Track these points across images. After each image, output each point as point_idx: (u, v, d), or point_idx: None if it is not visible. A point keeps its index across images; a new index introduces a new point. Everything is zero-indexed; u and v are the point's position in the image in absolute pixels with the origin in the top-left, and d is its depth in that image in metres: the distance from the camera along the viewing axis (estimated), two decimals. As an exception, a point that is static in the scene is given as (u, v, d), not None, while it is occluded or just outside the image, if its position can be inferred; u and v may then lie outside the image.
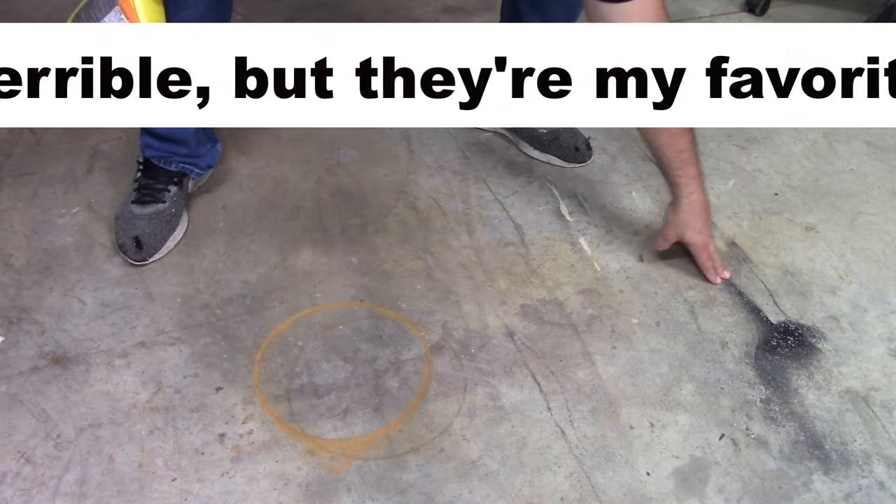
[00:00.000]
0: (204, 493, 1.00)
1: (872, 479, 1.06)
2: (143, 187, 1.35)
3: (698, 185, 1.27)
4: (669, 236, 1.33)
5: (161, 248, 1.31)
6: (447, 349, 1.20)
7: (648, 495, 1.03)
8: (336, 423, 1.09)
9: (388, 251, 1.36)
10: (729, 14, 2.15)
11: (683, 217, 1.29)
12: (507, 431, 1.09)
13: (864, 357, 1.22)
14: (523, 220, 1.44)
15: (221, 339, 1.20)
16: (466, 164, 1.57)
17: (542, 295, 1.30)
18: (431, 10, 2.07)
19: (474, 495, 1.02)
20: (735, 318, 1.28)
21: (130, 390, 1.12)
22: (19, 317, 1.21)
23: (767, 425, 1.12)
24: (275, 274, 1.31)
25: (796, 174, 1.59)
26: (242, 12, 1.98)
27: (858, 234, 1.45)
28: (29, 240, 1.34)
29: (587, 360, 1.20)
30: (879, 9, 1.95)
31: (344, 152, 1.58)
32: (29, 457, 1.03)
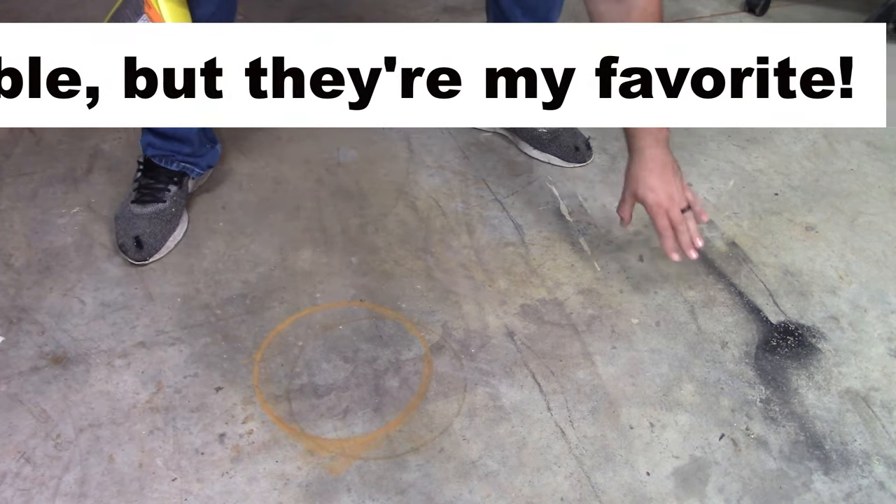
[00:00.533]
0: (204, 493, 1.00)
1: (872, 479, 1.06)
2: (143, 187, 1.35)
3: (654, 139, 1.16)
4: (625, 197, 1.23)
5: (161, 248, 1.31)
6: (447, 349, 1.20)
7: (648, 495, 1.03)
8: (336, 423, 1.09)
9: (388, 251, 1.36)
10: (729, 14, 2.15)
11: (635, 172, 1.19)
12: (507, 431, 1.09)
13: (864, 357, 1.22)
14: (523, 220, 1.44)
15: (221, 339, 1.20)
16: (466, 164, 1.57)
17: (542, 295, 1.30)
18: (431, 10, 2.07)
19: (474, 495, 1.02)
20: (735, 318, 1.28)
21: (130, 390, 1.12)
22: (19, 317, 1.21)
23: (767, 425, 1.12)
24: (275, 274, 1.31)
25: (796, 174, 1.59)
26: (242, 12, 1.98)
27: (858, 234, 1.45)
28: (29, 240, 1.34)
29: (587, 360, 1.20)
30: (879, 9, 1.95)
31: (344, 152, 1.58)
32: (29, 457, 1.03)
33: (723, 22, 2.10)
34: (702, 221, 1.21)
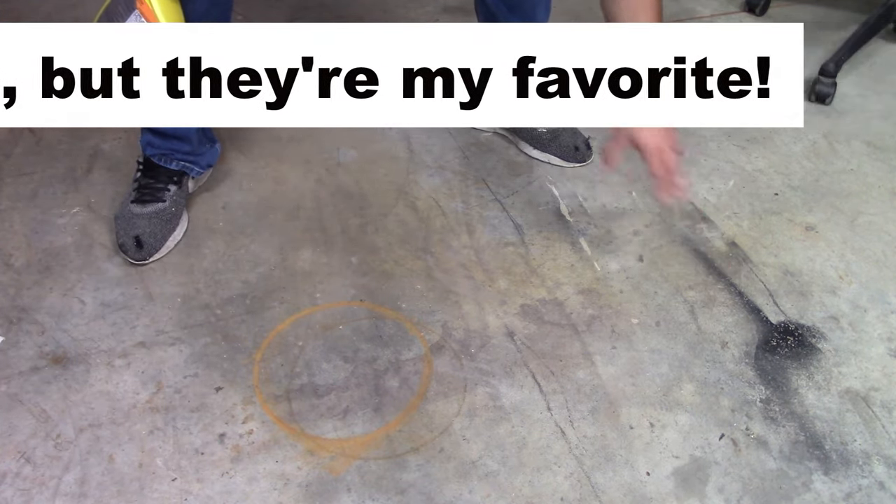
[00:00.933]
0: (204, 493, 1.00)
1: (872, 479, 1.06)
2: (142, 187, 1.35)
3: None
4: (618, 137, 1.16)
5: (161, 248, 1.31)
6: (447, 349, 1.20)
7: (648, 495, 1.03)
8: (336, 423, 1.09)
9: (388, 251, 1.36)
10: (729, 14, 2.15)
11: None
12: (507, 431, 1.09)
13: (864, 357, 1.22)
14: (523, 220, 1.44)
15: (221, 339, 1.20)
16: (466, 164, 1.57)
17: (542, 295, 1.30)
18: (431, 10, 2.07)
19: (474, 495, 1.02)
20: (735, 318, 1.28)
21: (130, 390, 1.12)
22: (19, 317, 1.21)
23: (767, 425, 1.12)
24: (275, 274, 1.31)
25: (796, 174, 1.59)
26: (242, 12, 1.98)
27: (858, 234, 1.45)
28: (29, 240, 1.34)
29: (587, 360, 1.20)
30: (879, 9, 1.95)
31: (344, 152, 1.58)
32: (29, 457, 1.03)
33: (723, 22, 2.10)
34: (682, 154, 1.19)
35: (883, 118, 1.77)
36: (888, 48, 2.03)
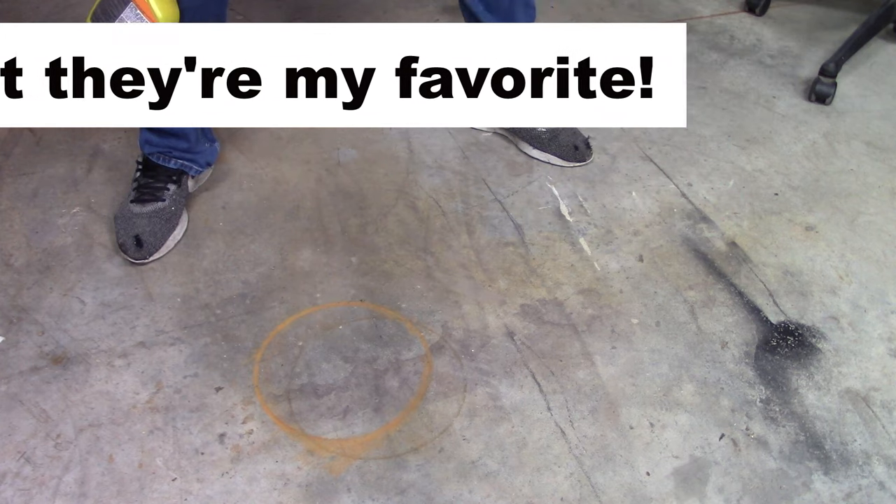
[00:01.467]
0: (204, 493, 1.00)
1: (872, 479, 1.06)
2: (142, 186, 1.35)
3: None
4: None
5: (161, 247, 1.31)
6: (447, 349, 1.20)
7: (648, 495, 1.03)
8: (336, 423, 1.09)
9: (388, 251, 1.36)
10: (729, 14, 2.15)
11: None
12: (507, 431, 1.09)
13: (864, 357, 1.22)
14: (523, 220, 1.44)
15: (221, 339, 1.20)
16: (466, 164, 1.57)
17: (542, 295, 1.30)
18: (431, 10, 2.07)
19: (474, 495, 1.02)
20: (735, 318, 1.28)
21: (130, 390, 1.12)
22: (19, 317, 1.21)
23: (767, 425, 1.12)
24: (275, 274, 1.31)
25: (796, 174, 1.59)
26: (243, 12, 1.98)
27: (858, 234, 1.45)
28: (29, 240, 1.34)
29: (587, 360, 1.20)
30: (879, 9, 1.95)
31: (344, 152, 1.58)
32: (29, 457, 1.03)
33: (723, 22, 2.10)
34: None
35: (883, 118, 1.77)
36: (888, 48, 2.03)
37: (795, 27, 2.10)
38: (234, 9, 1.96)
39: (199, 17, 1.14)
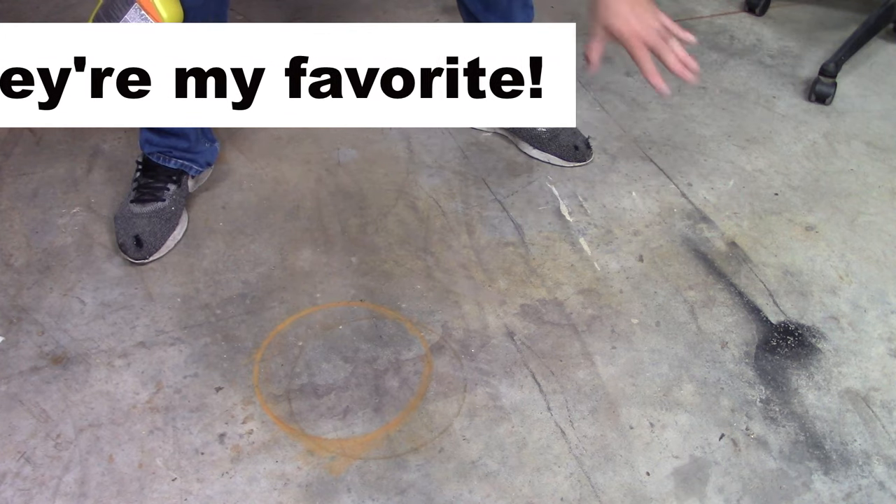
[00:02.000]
0: (204, 493, 1.00)
1: (872, 479, 1.06)
2: (142, 186, 1.35)
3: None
4: (595, 32, 1.09)
5: (161, 247, 1.31)
6: (447, 349, 1.20)
7: (648, 495, 1.03)
8: (336, 423, 1.09)
9: (388, 251, 1.36)
10: (729, 14, 2.15)
11: (605, 2, 1.07)
12: (507, 431, 1.09)
13: (864, 357, 1.22)
14: (523, 220, 1.44)
15: (221, 339, 1.20)
16: (466, 164, 1.57)
17: (542, 295, 1.30)
18: (431, 9, 2.07)
19: (474, 495, 1.02)
20: (735, 318, 1.28)
21: (130, 390, 1.12)
22: (19, 317, 1.21)
23: (767, 425, 1.12)
24: (275, 274, 1.31)
25: (796, 174, 1.59)
26: (243, 12, 1.98)
27: (858, 234, 1.45)
28: (29, 240, 1.34)
29: (587, 360, 1.20)
30: (879, 9, 1.95)
31: (344, 152, 1.58)
32: (29, 457, 1.03)
33: (723, 22, 2.11)
34: (689, 42, 1.10)
35: (883, 118, 1.77)
36: (888, 48, 2.03)
37: (795, 27, 2.10)
38: (234, 9, 1.96)
39: (200, 16, 1.14)
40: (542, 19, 1.97)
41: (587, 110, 1.73)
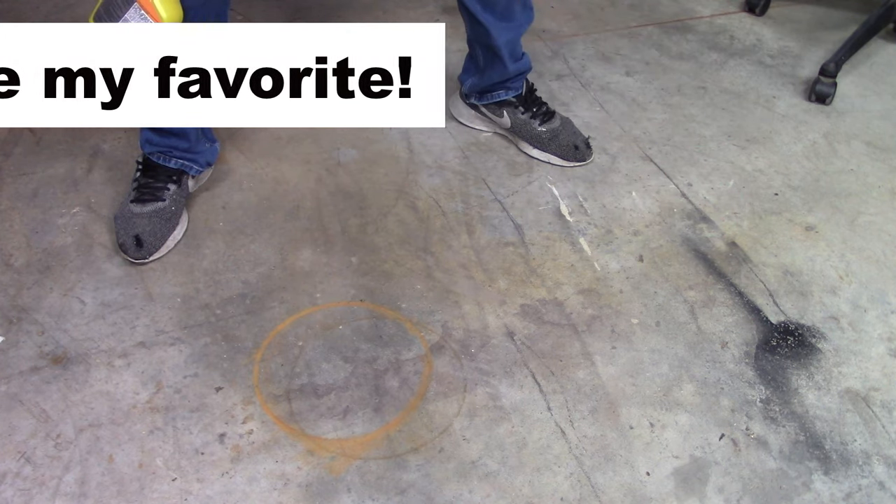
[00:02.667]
0: (204, 493, 1.00)
1: (872, 479, 1.06)
2: (142, 186, 1.35)
3: None
4: None
5: (161, 247, 1.31)
6: (447, 349, 1.20)
7: (648, 495, 1.03)
8: (336, 423, 1.09)
9: (388, 251, 1.36)
10: (729, 14, 2.15)
11: None
12: (507, 431, 1.09)
13: (864, 357, 1.22)
14: (523, 220, 1.44)
15: (221, 339, 1.20)
16: (466, 164, 1.57)
17: (542, 295, 1.30)
18: (431, 9, 2.07)
19: (474, 495, 1.02)
20: (735, 318, 1.28)
21: (130, 390, 1.12)
22: (19, 317, 1.21)
23: (767, 425, 1.12)
24: (275, 274, 1.31)
25: (796, 174, 1.59)
26: (242, 12, 1.98)
27: (858, 234, 1.45)
28: (29, 240, 1.34)
29: (587, 360, 1.20)
30: (879, 9, 1.95)
31: (344, 152, 1.58)
32: (29, 457, 1.03)
33: (723, 22, 2.11)
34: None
35: (883, 118, 1.77)
36: (888, 48, 2.03)
37: (795, 27, 2.10)
38: (234, 9, 1.96)
39: (200, 16, 1.14)
40: (543, 20, 1.97)
41: (587, 110, 1.73)
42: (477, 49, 1.52)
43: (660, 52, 1.94)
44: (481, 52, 1.52)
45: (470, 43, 1.54)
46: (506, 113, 1.59)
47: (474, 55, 1.55)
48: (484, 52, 1.51)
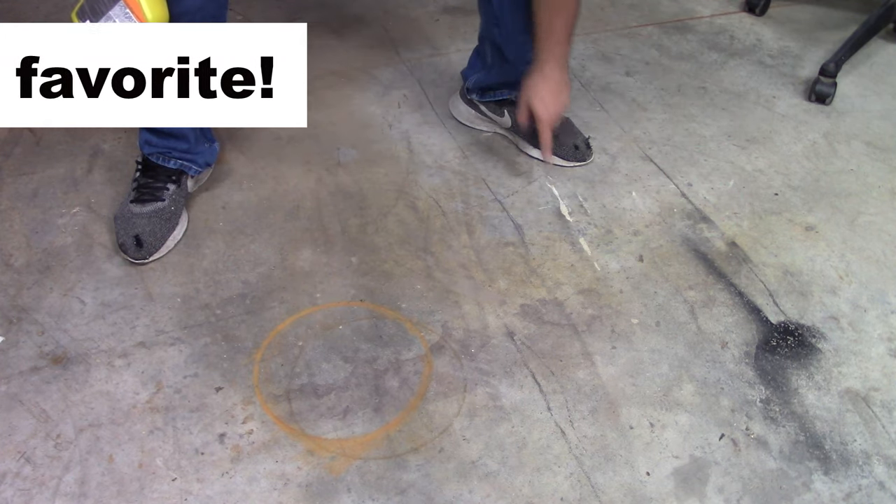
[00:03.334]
0: (204, 493, 1.00)
1: (872, 479, 1.06)
2: (142, 186, 1.35)
3: (557, 62, 1.37)
4: (521, 104, 1.43)
5: (161, 247, 1.31)
6: (447, 349, 1.20)
7: (648, 495, 1.03)
8: (336, 423, 1.09)
9: (388, 251, 1.36)
10: (729, 14, 2.15)
11: (533, 84, 1.39)
12: (507, 431, 1.09)
13: (864, 357, 1.22)
14: (523, 220, 1.44)
15: (221, 339, 1.20)
16: (466, 164, 1.57)
17: (542, 295, 1.30)
18: (432, 9, 2.07)
19: (474, 495, 1.02)
20: (735, 318, 1.28)
21: (130, 390, 1.12)
22: (19, 317, 1.21)
23: (767, 425, 1.12)
24: (275, 274, 1.31)
25: (796, 174, 1.59)
26: (242, 12, 1.98)
27: (858, 234, 1.45)
28: (29, 240, 1.34)
29: (587, 360, 1.20)
30: (879, 9, 1.95)
31: (344, 152, 1.58)
32: (29, 457, 1.03)
33: (723, 22, 2.11)
34: None
35: (883, 118, 1.77)
36: (888, 48, 2.03)
37: (795, 27, 2.10)
38: (234, 9, 1.96)
39: (197, 20, 1.14)
40: (542, 19, 1.97)
41: (587, 110, 1.73)
42: (486, 46, 1.52)
43: (660, 52, 1.94)
44: (490, 50, 1.51)
45: (481, 39, 1.54)
46: (506, 112, 1.59)
47: (482, 51, 1.54)
48: (493, 51, 1.50)
